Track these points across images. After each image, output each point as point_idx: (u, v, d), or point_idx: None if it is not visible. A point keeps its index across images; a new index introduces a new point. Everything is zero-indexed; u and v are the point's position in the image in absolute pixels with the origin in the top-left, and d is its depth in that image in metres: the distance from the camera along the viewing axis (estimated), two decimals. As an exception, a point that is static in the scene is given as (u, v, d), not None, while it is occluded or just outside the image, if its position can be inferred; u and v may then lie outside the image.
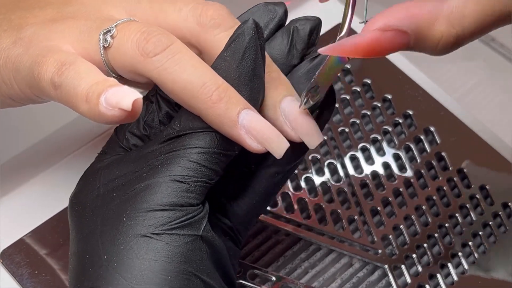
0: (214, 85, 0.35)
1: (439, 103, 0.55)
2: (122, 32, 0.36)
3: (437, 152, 0.53)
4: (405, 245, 0.49)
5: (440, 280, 0.48)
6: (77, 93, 0.34)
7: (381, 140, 0.53)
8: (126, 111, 0.33)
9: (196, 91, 0.35)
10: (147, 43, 0.35)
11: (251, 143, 0.36)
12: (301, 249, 0.48)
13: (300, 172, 0.50)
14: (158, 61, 0.35)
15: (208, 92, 0.35)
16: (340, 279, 0.47)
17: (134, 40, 0.35)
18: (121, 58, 0.36)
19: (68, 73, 0.35)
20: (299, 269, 0.47)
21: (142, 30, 0.36)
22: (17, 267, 0.45)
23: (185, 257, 0.35)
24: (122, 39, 0.36)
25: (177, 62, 0.35)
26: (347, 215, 0.49)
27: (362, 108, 0.54)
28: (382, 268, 0.48)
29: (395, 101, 0.55)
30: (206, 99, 0.35)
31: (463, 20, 0.34)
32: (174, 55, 0.35)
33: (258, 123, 0.35)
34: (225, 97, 0.35)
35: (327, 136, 0.52)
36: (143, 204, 0.35)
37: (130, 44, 0.35)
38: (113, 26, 0.36)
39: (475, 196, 0.52)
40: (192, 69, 0.35)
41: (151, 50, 0.35)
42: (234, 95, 0.35)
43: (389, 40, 0.34)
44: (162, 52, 0.35)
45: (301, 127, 0.37)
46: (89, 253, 0.35)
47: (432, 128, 0.54)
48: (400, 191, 0.51)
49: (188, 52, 0.35)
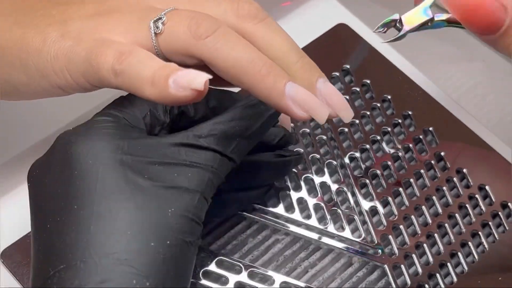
0: (261, 61, 0.38)
1: (439, 103, 0.55)
2: (172, 19, 0.39)
3: (436, 152, 0.53)
4: (405, 244, 0.49)
5: (439, 279, 0.48)
6: (142, 78, 0.37)
7: (380, 140, 0.53)
8: (198, 91, 0.36)
9: (246, 66, 0.38)
10: (198, 27, 0.38)
11: (297, 111, 0.38)
12: (300, 248, 0.48)
13: (300, 172, 0.50)
14: (210, 42, 0.38)
15: (257, 67, 0.38)
16: (340, 278, 0.47)
17: (186, 24, 0.38)
18: (174, 42, 0.39)
19: (130, 60, 0.37)
20: (298, 269, 0.47)
21: (191, 16, 0.38)
22: (18, 267, 0.45)
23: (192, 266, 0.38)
24: (173, 25, 0.38)
25: (227, 42, 0.38)
26: (346, 215, 0.49)
27: (361, 109, 0.54)
28: (381, 267, 0.48)
29: (394, 102, 0.55)
30: (256, 74, 0.38)
31: None
32: (224, 36, 0.38)
33: (303, 94, 0.38)
34: (272, 72, 0.38)
35: (327, 136, 0.53)
36: (187, 209, 0.37)
37: (183, 29, 0.38)
38: (163, 14, 0.39)
39: (474, 196, 0.52)
40: (241, 47, 0.38)
41: (203, 32, 0.38)
42: (279, 70, 0.38)
43: (488, 11, 0.37)
44: (213, 34, 0.38)
45: (337, 103, 0.39)
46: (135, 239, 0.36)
47: (431, 129, 0.54)
48: (399, 191, 0.51)
49: (235, 34, 0.39)
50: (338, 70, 0.56)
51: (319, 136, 0.52)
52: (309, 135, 0.52)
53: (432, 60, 0.65)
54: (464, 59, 0.66)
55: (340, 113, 0.40)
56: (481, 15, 0.38)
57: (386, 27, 0.38)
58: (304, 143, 0.52)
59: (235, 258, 0.47)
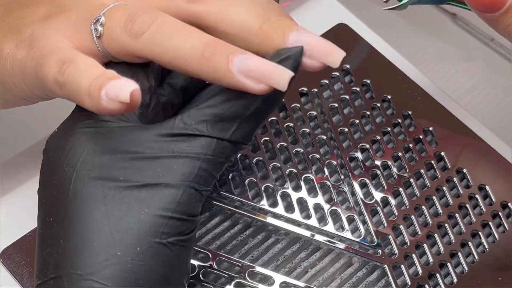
0: (203, 43, 0.35)
1: (439, 103, 0.55)
2: (110, 19, 0.37)
3: (436, 152, 0.53)
4: (405, 244, 0.49)
5: (439, 280, 0.48)
6: (80, 90, 0.35)
7: (380, 140, 0.53)
8: (126, 103, 0.34)
9: (188, 54, 0.35)
10: (133, 24, 0.36)
11: (253, 86, 0.35)
12: (300, 248, 0.48)
13: (300, 172, 0.50)
14: (147, 38, 0.36)
15: (198, 51, 0.35)
16: (340, 278, 0.47)
17: (122, 24, 0.36)
18: (115, 44, 0.37)
19: (70, 71, 0.35)
20: (298, 269, 0.47)
21: (127, 13, 0.36)
22: (17, 267, 0.45)
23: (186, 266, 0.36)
24: (111, 26, 0.37)
25: (164, 35, 0.36)
26: (346, 215, 0.49)
27: (361, 109, 0.54)
28: (381, 267, 0.48)
29: (394, 102, 0.55)
30: (199, 59, 0.35)
31: None
32: (160, 28, 0.36)
33: (253, 63, 0.35)
34: (217, 51, 0.35)
35: (327, 136, 0.52)
36: (164, 207, 0.35)
37: (119, 30, 0.36)
38: (101, 14, 0.37)
39: (474, 196, 0.52)
40: (178, 35, 0.35)
41: (138, 30, 0.36)
42: (224, 46, 0.35)
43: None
44: (148, 29, 0.36)
45: (317, 49, 0.36)
46: (96, 240, 0.35)
47: (431, 128, 0.54)
48: (399, 191, 0.51)
49: (173, 21, 0.36)
50: (338, 70, 0.56)
51: (319, 136, 0.52)
52: (309, 135, 0.52)
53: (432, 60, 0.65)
54: (464, 59, 0.67)
55: (325, 59, 0.36)
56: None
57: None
58: (304, 143, 0.52)
59: (234, 258, 0.47)
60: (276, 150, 0.51)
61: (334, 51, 0.36)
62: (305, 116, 0.53)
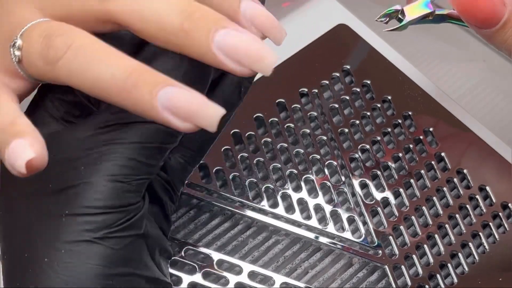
0: (125, 72, 0.31)
1: (439, 103, 0.55)
2: (26, 43, 0.33)
3: (436, 152, 0.53)
4: (405, 245, 0.49)
5: (440, 280, 0.48)
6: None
7: (381, 141, 0.53)
8: (23, 173, 0.32)
9: (107, 86, 0.32)
10: (48, 49, 0.32)
11: (178, 125, 0.32)
12: (301, 249, 0.48)
13: (300, 173, 0.50)
14: (63, 65, 0.32)
15: (119, 82, 0.31)
16: (340, 279, 0.47)
17: (38, 49, 0.33)
18: (34, 70, 0.34)
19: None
20: (299, 269, 0.47)
21: (43, 35, 0.33)
22: (18, 268, 0.45)
23: (126, 258, 0.34)
24: (28, 51, 0.33)
25: (80, 61, 0.32)
26: (347, 216, 0.49)
27: (362, 109, 0.54)
28: (382, 268, 0.48)
29: (394, 102, 0.55)
30: (120, 91, 0.32)
31: None
32: (76, 54, 0.32)
33: (179, 99, 0.31)
34: (139, 81, 0.31)
35: (327, 137, 0.52)
36: (83, 205, 0.34)
37: (35, 56, 0.33)
38: (18, 36, 0.34)
39: (474, 197, 0.52)
40: (96, 62, 0.32)
41: (53, 56, 0.32)
42: (149, 75, 0.32)
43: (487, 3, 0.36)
44: (64, 55, 0.32)
45: (246, 57, 0.32)
46: (27, 252, 0.34)
47: (431, 129, 0.54)
48: (400, 191, 0.51)
49: (91, 44, 0.32)
50: (338, 70, 0.56)
51: (319, 136, 0.52)
52: (309, 135, 0.52)
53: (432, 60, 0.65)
54: (464, 59, 0.66)
55: (254, 66, 0.32)
56: (481, 6, 0.37)
57: (388, 17, 0.38)
58: (304, 144, 0.52)
59: (235, 258, 0.47)
60: (276, 151, 0.51)
61: (265, 56, 0.32)
62: (305, 117, 0.53)
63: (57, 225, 0.34)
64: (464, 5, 0.37)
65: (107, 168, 0.34)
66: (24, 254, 0.34)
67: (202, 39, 0.31)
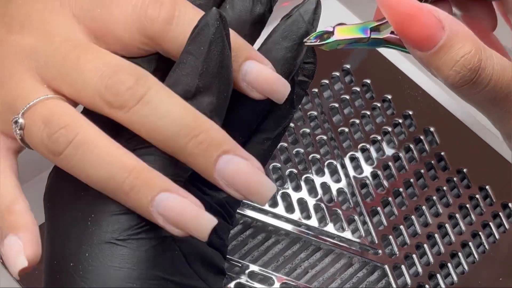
0: (124, 173, 0.32)
1: (439, 103, 0.55)
2: (28, 124, 0.34)
3: (436, 152, 0.53)
4: (405, 245, 0.49)
5: (440, 280, 0.48)
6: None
7: (381, 140, 0.53)
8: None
9: (107, 185, 0.33)
10: (49, 141, 0.33)
11: (172, 230, 0.33)
12: (301, 249, 0.48)
13: (300, 172, 0.50)
14: (65, 159, 0.33)
15: (118, 184, 0.33)
16: (340, 279, 0.47)
17: (39, 136, 0.33)
18: (36, 150, 0.34)
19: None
20: (299, 269, 0.47)
21: (45, 122, 0.33)
22: (17, 267, 0.45)
23: (153, 261, 0.34)
24: (30, 133, 0.34)
25: (82, 159, 0.33)
26: (347, 215, 0.49)
27: (362, 109, 0.54)
28: (382, 268, 0.48)
29: (394, 102, 0.55)
30: (118, 192, 0.33)
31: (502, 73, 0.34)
32: (77, 150, 0.33)
33: (173, 208, 0.32)
34: (137, 185, 0.32)
35: (327, 136, 0.52)
36: (107, 207, 0.34)
37: (37, 141, 0.33)
38: (19, 116, 0.34)
39: (474, 196, 0.52)
40: (97, 163, 0.33)
41: (55, 149, 0.33)
42: (147, 179, 0.33)
43: (424, 22, 0.34)
44: (66, 149, 0.33)
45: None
46: (56, 259, 0.35)
47: (431, 129, 0.54)
48: (400, 191, 0.51)
49: (93, 141, 0.33)
50: (338, 70, 0.56)
51: (319, 136, 0.52)
52: (309, 135, 0.52)
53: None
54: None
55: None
56: (417, 25, 0.33)
57: (319, 39, 0.37)
58: (304, 143, 0.52)
59: (235, 258, 0.47)
60: (276, 150, 0.51)
61: (261, 191, 0.33)
62: (305, 116, 0.53)
63: (84, 227, 0.34)
64: (401, 20, 0.35)
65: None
66: (54, 260, 0.35)
67: (206, 165, 0.33)
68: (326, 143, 0.52)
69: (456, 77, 0.34)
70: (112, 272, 0.33)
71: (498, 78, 0.34)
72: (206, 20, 0.34)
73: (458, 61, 0.34)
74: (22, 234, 0.33)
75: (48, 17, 0.36)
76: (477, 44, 0.34)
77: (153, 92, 0.33)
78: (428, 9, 0.34)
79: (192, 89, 0.34)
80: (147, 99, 0.33)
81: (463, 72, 0.34)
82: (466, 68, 0.34)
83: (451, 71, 0.34)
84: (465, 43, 0.34)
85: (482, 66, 0.34)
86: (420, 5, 0.34)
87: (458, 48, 0.34)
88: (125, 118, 0.33)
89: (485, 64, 0.34)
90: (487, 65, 0.34)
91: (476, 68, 0.34)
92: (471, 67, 0.34)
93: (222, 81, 0.34)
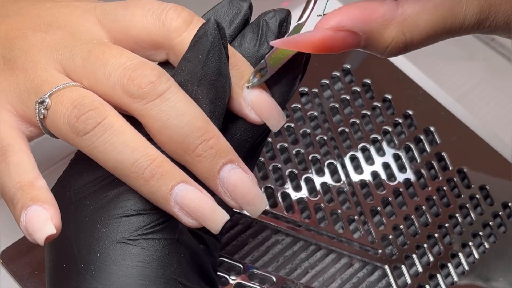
0: (147, 161, 0.34)
1: (439, 103, 0.55)
2: (55, 105, 0.35)
3: (437, 152, 0.53)
4: (405, 245, 0.49)
5: (440, 280, 0.48)
6: (5, 193, 0.34)
7: (381, 140, 0.53)
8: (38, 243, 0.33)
9: (127, 169, 0.34)
10: (77, 121, 0.34)
11: (186, 220, 0.34)
12: (301, 249, 0.48)
13: (300, 172, 0.50)
14: (88, 139, 0.34)
15: (140, 170, 0.34)
16: (340, 279, 0.47)
17: (66, 116, 0.34)
18: (56, 130, 0.35)
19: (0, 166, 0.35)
20: (299, 269, 0.47)
21: (74, 104, 0.34)
22: (17, 267, 0.45)
23: (163, 261, 0.35)
24: (55, 113, 0.35)
25: (107, 141, 0.34)
26: (347, 215, 0.49)
27: (362, 108, 0.54)
28: (382, 268, 0.48)
29: (395, 101, 0.55)
30: (138, 177, 0.34)
31: (414, 29, 0.34)
32: (104, 133, 0.34)
33: (192, 199, 0.34)
34: (158, 173, 0.34)
35: (327, 136, 0.52)
36: (117, 210, 0.35)
37: (62, 120, 0.34)
38: (47, 96, 0.35)
39: (475, 196, 0.52)
40: (122, 147, 0.34)
41: (81, 129, 0.34)
42: (167, 168, 0.34)
43: (340, 40, 0.34)
44: (92, 130, 0.34)
45: (242, 197, 0.35)
46: (65, 262, 0.35)
47: (432, 128, 0.54)
48: (400, 191, 0.51)
49: (120, 127, 0.34)
50: (339, 70, 0.56)
51: (320, 136, 0.52)
52: (309, 135, 0.52)
53: (432, 60, 0.65)
54: (465, 58, 0.66)
55: (246, 207, 0.35)
56: (337, 46, 0.34)
57: (257, 74, 0.37)
58: (304, 143, 0.52)
59: (235, 258, 0.47)
60: (276, 150, 0.51)
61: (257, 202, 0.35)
62: (305, 116, 0.53)
63: (93, 230, 0.35)
64: (319, 49, 0.34)
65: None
66: (63, 264, 0.35)
67: (210, 170, 0.34)
68: (326, 143, 0.52)
69: (394, 51, 0.35)
70: (124, 270, 0.34)
71: (429, 27, 0.34)
72: (205, 29, 0.35)
73: (389, 44, 0.35)
74: (47, 206, 0.34)
75: (75, 20, 0.37)
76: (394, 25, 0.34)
77: (172, 91, 0.34)
78: (335, 27, 0.34)
79: (190, 96, 0.35)
80: (167, 96, 0.34)
81: (399, 49, 0.35)
82: (400, 48, 0.35)
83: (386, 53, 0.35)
84: (385, 31, 0.34)
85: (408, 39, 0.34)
86: (327, 28, 0.34)
87: (382, 39, 0.34)
88: (142, 109, 0.34)
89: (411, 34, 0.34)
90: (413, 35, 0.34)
91: (403, 42, 0.34)
92: (401, 47, 0.35)
93: (219, 88, 0.35)
